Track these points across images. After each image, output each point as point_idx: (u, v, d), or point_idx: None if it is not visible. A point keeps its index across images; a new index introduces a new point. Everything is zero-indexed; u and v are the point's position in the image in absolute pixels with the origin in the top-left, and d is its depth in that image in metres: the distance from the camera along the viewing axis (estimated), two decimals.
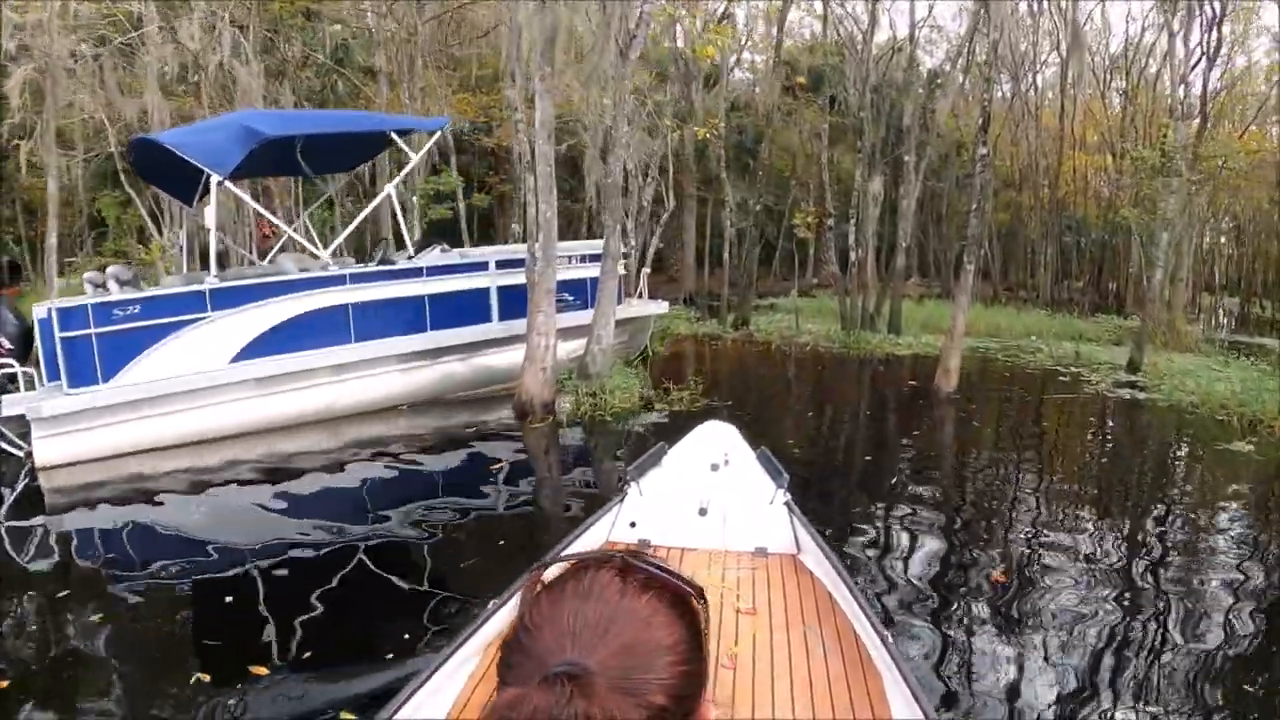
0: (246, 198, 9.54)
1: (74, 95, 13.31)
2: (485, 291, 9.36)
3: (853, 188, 17.80)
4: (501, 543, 5.28)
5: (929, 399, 10.58)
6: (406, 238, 9.68)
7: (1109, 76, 30.25)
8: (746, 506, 3.37)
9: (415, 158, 9.73)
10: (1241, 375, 11.89)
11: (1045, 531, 5.72)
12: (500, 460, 7.20)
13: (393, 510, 5.71)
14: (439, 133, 10.55)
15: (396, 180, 9.77)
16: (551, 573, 0.63)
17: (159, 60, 13.56)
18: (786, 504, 3.36)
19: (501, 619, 2.40)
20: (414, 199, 14.21)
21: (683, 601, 0.61)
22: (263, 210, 9.97)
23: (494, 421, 8.61)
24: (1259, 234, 30.86)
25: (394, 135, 9.23)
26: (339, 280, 8.43)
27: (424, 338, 8.85)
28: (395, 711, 1.96)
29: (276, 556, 4.80)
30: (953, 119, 29.70)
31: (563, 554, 0.75)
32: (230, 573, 4.61)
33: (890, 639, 2.45)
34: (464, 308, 9.14)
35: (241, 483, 6.54)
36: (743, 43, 26.15)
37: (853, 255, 16.30)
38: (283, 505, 6.00)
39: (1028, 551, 5.21)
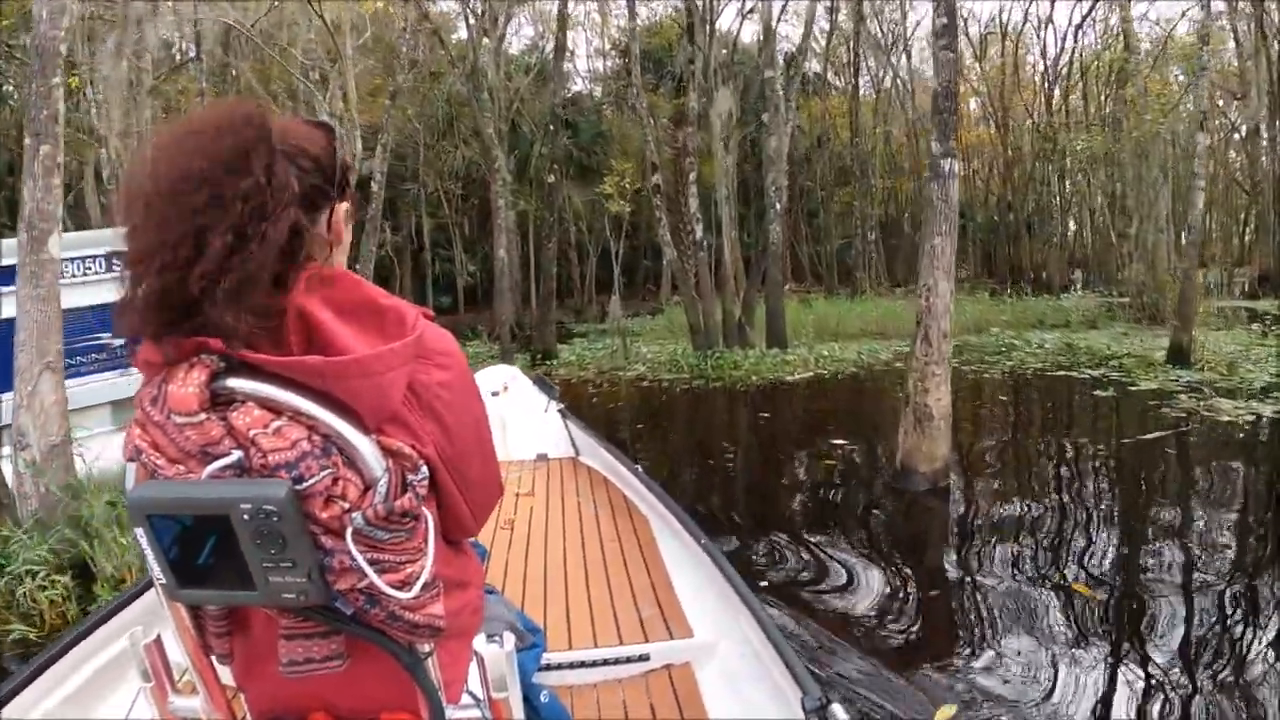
0: None
1: None
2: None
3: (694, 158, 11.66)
4: None
5: (896, 499, 4.53)
6: None
7: (983, 46, 26.66)
8: (524, 418, 3.89)
9: None
10: None
11: None
12: None
13: None
14: None
15: None
16: None
17: None
18: (560, 412, 3.89)
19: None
20: None
21: (322, 125, 0.80)
22: None
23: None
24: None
25: None
26: None
27: None
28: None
29: None
30: (816, 103, 25.45)
31: None
32: None
33: (662, 492, 2.75)
34: None
35: None
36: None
37: (698, 232, 10.16)
38: None
39: None
